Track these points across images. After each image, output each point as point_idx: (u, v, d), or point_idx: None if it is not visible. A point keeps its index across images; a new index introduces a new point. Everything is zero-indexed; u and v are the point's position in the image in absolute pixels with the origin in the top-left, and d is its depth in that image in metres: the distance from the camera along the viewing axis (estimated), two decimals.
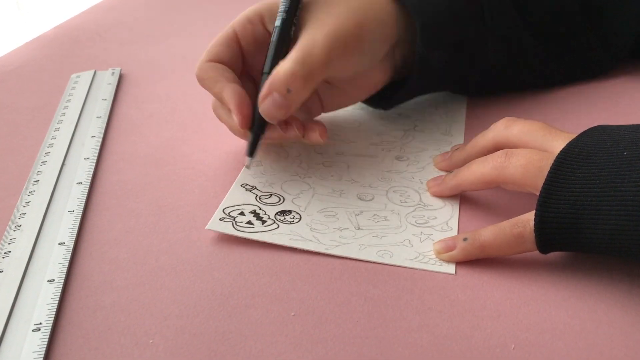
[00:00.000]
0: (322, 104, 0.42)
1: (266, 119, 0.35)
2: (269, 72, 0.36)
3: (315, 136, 0.37)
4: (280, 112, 0.35)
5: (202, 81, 0.38)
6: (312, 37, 0.35)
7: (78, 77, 0.54)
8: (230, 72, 0.38)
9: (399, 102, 0.44)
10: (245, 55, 0.39)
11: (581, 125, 0.33)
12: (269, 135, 0.37)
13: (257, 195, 0.36)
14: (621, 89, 0.48)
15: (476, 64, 0.44)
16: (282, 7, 0.37)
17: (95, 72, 0.54)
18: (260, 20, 0.38)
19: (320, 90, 0.41)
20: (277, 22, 0.37)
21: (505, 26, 0.44)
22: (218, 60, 0.38)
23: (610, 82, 0.49)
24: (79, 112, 0.47)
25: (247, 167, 0.37)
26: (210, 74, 0.37)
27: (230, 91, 0.36)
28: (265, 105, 0.35)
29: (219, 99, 0.37)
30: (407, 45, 0.41)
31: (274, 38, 0.37)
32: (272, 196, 0.36)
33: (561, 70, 0.48)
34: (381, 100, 0.44)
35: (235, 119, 0.35)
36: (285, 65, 0.34)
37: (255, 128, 0.36)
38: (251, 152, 0.36)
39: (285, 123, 0.37)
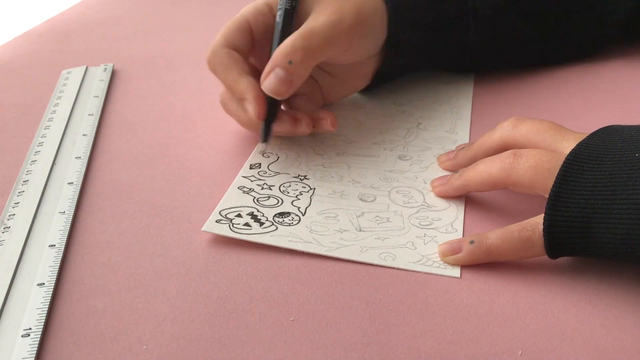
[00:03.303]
0: (323, 94, 0.44)
1: (270, 94, 0.37)
2: None
3: (326, 124, 0.39)
4: (283, 86, 0.36)
5: (215, 66, 0.38)
6: (314, 19, 0.38)
7: (69, 73, 0.53)
8: (245, 62, 0.39)
9: (379, 84, 0.46)
10: (254, 45, 0.40)
11: (593, 123, 0.32)
12: (278, 130, 0.39)
13: (254, 198, 0.35)
14: (619, 71, 0.50)
15: (457, 43, 0.46)
16: None
17: (87, 68, 0.54)
18: (270, 11, 0.40)
19: (320, 80, 0.43)
20: (282, 4, 0.38)
21: (488, 6, 0.45)
22: (233, 47, 0.39)
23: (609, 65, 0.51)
24: (70, 110, 0.47)
25: (262, 153, 0.39)
26: (225, 60, 0.38)
27: (247, 82, 0.37)
28: (269, 80, 0.36)
29: (231, 87, 0.38)
30: None
31: (279, 20, 0.38)
32: (271, 198, 0.35)
33: (554, 50, 0.50)
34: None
35: (252, 109, 0.37)
36: (287, 40, 0.36)
37: (267, 115, 0.38)
38: (265, 137, 0.38)
39: (295, 119, 0.39)
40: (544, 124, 0.33)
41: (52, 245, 0.32)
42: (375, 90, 0.47)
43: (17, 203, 0.36)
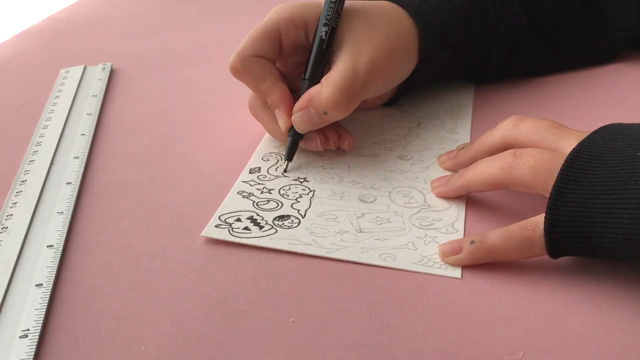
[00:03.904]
0: None
1: (295, 127, 0.37)
2: (310, 79, 0.38)
3: (343, 144, 0.39)
4: (310, 127, 0.37)
5: (245, 75, 0.38)
6: (353, 65, 0.37)
7: (67, 72, 0.53)
8: (276, 69, 0.39)
9: (401, 97, 0.46)
10: (280, 55, 0.40)
11: (594, 122, 0.32)
12: (308, 146, 0.39)
13: (254, 202, 0.35)
14: (621, 70, 0.50)
15: (479, 61, 0.46)
16: (324, 18, 0.38)
17: (85, 67, 0.53)
18: (304, 26, 0.39)
19: None
20: (322, 31, 0.38)
21: (511, 27, 0.45)
22: (262, 55, 0.38)
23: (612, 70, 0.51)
24: (68, 109, 0.46)
25: (285, 170, 0.38)
26: (256, 70, 0.38)
27: (280, 92, 0.37)
28: (299, 116, 0.37)
29: (264, 96, 0.38)
30: None
31: (316, 46, 0.38)
32: (270, 202, 0.35)
33: (564, 63, 0.50)
34: None
35: (282, 122, 0.37)
36: (329, 91, 0.36)
37: (294, 132, 0.38)
38: (290, 156, 0.38)
39: (325, 137, 0.39)
40: (545, 122, 0.33)
41: (50, 246, 0.32)
42: (392, 106, 0.46)
43: (15, 203, 0.35)
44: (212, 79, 0.52)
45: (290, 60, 0.40)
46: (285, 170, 0.38)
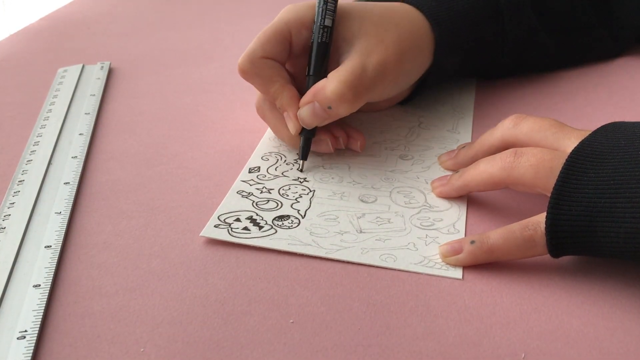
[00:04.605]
0: None
1: (301, 122, 0.37)
2: (314, 75, 0.37)
3: (355, 145, 0.39)
4: (316, 121, 0.37)
5: (253, 77, 0.37)
6: (362, 63, 0.36)
7: (65, 71, 0.53)
8: (285, 72, 0.38)
9: (414, 98, 0.46)
10: (290, 55, 0.39)
11: (595, 121, 0.32)
12: (318, 148, 0.39)
13: (253, 202, 0.35)
14: (623, 68, 0.51)
15: (490, 62, 0.46)
16: (321, 8, 0.37)
17: (83, 66, 0.53)
18: (313, 26, 0.38)
19: None
20: (323, 22, 0.37)
21: (522, 27, 0.45)
22: (272, 57, 0.38)
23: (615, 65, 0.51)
24: (66, 109, 0.46)
25: (302, 170, 0.38)
26: (266, 72, 0.37)
27: (289, 95, 0.37)
28: (304, 111, 0.36)
29: (273, 99, 0.38)
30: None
31: (316, 37, 0.37)
32: (270, 202, 0.35)
33: (572, 61, 0.50)
34: None
35: (292, 125, 0.37)
36: (333, 85, 0.35)
37: (305, 131, 0.38)
38: (304, 155, 0.38)
39: (334, 137, 0.39)
40: (546, 121, 0.33)
41: (48, 246, 0.32)
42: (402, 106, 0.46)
43: (13, 203, 0.35)
44: (211, 78, 0.51)
45: (300, 61, 0.39)
46: (301, 170, 0.38)
